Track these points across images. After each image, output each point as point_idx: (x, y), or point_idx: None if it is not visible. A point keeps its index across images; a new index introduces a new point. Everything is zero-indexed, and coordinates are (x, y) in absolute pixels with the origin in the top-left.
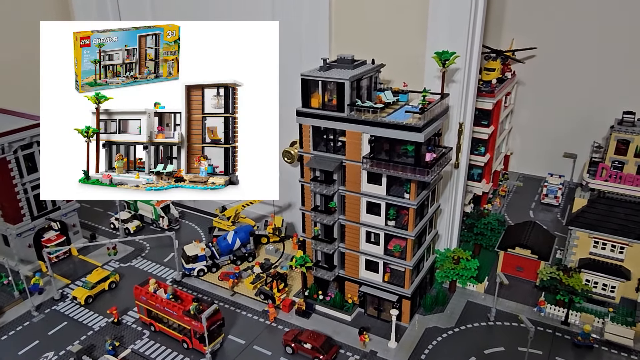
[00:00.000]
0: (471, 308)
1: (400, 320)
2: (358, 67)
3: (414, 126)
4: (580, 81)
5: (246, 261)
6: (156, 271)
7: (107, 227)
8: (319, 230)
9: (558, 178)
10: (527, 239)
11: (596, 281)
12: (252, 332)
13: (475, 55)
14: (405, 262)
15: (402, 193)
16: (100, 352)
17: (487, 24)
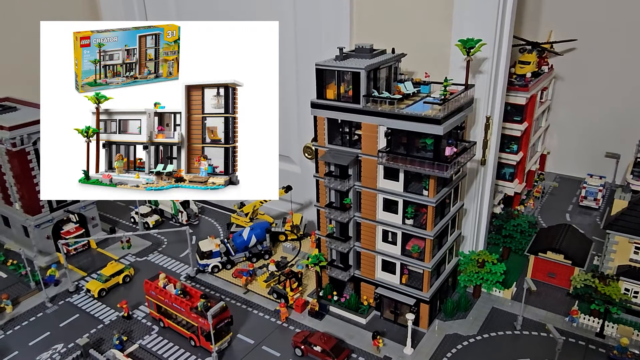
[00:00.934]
0: (496, 315)
1: (418, 325)
2: (376, 57)
3: (432, 118)
4: (624, 76)
5: (262, 259)
6: (172, 266)
7: (127, 220)
8: (333, 228)
9: (598, 179)
10: (560, 242)
11: (637, 290)
12: (263, 332)
13: (504, 44)
14: (424, 264)
15: (420, 190)
16: (108, 346)
17: (524, 16)
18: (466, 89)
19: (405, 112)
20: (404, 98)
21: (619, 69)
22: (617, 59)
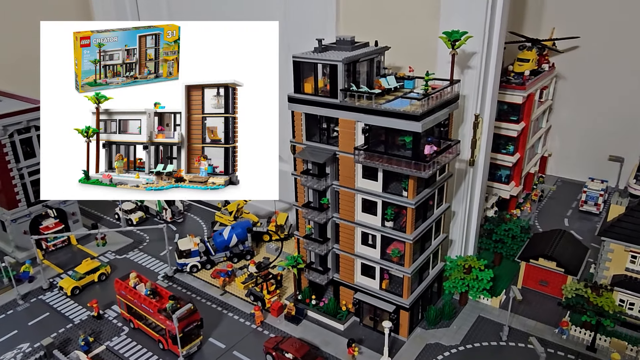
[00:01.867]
0: (482, 324)
1: (398, 333)
2: (357, 50)
3: (410, 114)
4: (629, 76)
5: (243, 259)
6: (151, 265)
7: (112, 217)
8: (311, 228)
9: (600, 183)
10: (553, 249)
11: (632, 302)
12: (236, 336)
13: (495, 38)
14: (404, 269)
15: (400, 190)
16: (75, 346)
17: (525, 12)
18: (451, 84)
19: (382, 107)
20: (385, 93)
21: (623, 68)
22: (622, 58)
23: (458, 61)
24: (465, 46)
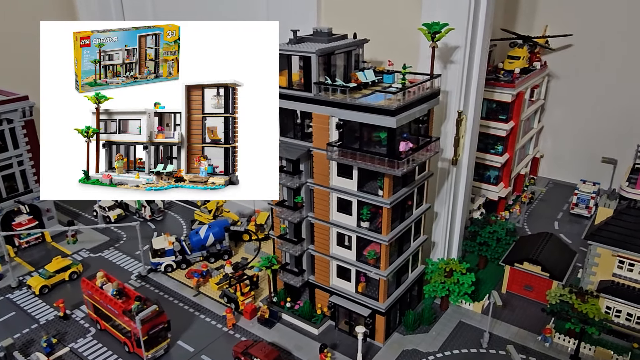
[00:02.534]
0: (463, 330)
1: (374, 338)
2: (334, 42)
3: (385, 109)
4: (623, 76)
5: (221, 259)
6: (125, 264)
7: (90, 214)
8: (286, 228)
9: (592, 186)
10: (538, 253)
11: (619, 309)
12: (206, 339)
13: (479, 32)
14: (379, 272)
15: (376, 189)
16: (37, 348)
17: (518, 9)
18: (431, 78)
19: (357, 102)
20: (362, 87)
21: (617, 68)
22: (615, 58)
23: (440, 55)
24: (448, 40)
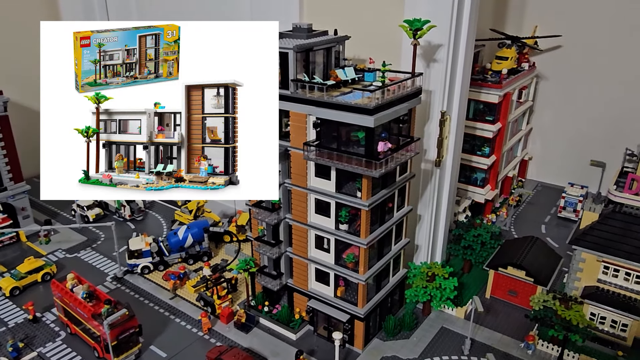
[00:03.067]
0: (445, 336)
1: (353, 344)
2: (314, 38)
3: (362, 107)
4: (613, 79)
5: (200, 261)
6: (101, 265)
7: (68, 213)
8: (263, 230)
9: (580, 189)
10: (523, 257)
11: (603, 316)
12: (180, 344)
13: (464, 29)
14: (358, 276)
15: (355, 191)
16: (3, 352)
17: (507, 9)
18: (412, 76)
19: (334, 100)
20: (341, 85)
21: (607, 70)
22: (606, 59)
23: (423, 54)
24: (431, 38)
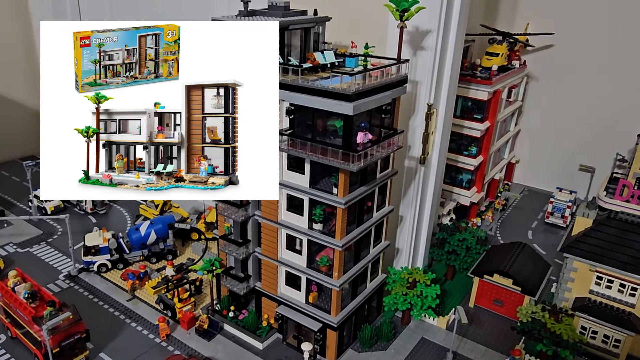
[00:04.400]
0: (425, 348)
1: (325, 355)
2: (290, 17)
3: (340, 92)
4: (604, 82)
5: (164, 259)
6: (54, 261)
7: (25, 204)
8: (230, 227)
9: (568, 194)
10: (510, 264)
11: (595, 330)
12: (133, 352)
13: (455, 13)
14: (332, 281)
15: (331, 187)
16: None
17: (500, 5)
18: (397, 62)
19: (309, 84)
20: (320, 69)
21: (600, 73)
22: (598, 61)
23: (410, 41)
24: (420, 22)
